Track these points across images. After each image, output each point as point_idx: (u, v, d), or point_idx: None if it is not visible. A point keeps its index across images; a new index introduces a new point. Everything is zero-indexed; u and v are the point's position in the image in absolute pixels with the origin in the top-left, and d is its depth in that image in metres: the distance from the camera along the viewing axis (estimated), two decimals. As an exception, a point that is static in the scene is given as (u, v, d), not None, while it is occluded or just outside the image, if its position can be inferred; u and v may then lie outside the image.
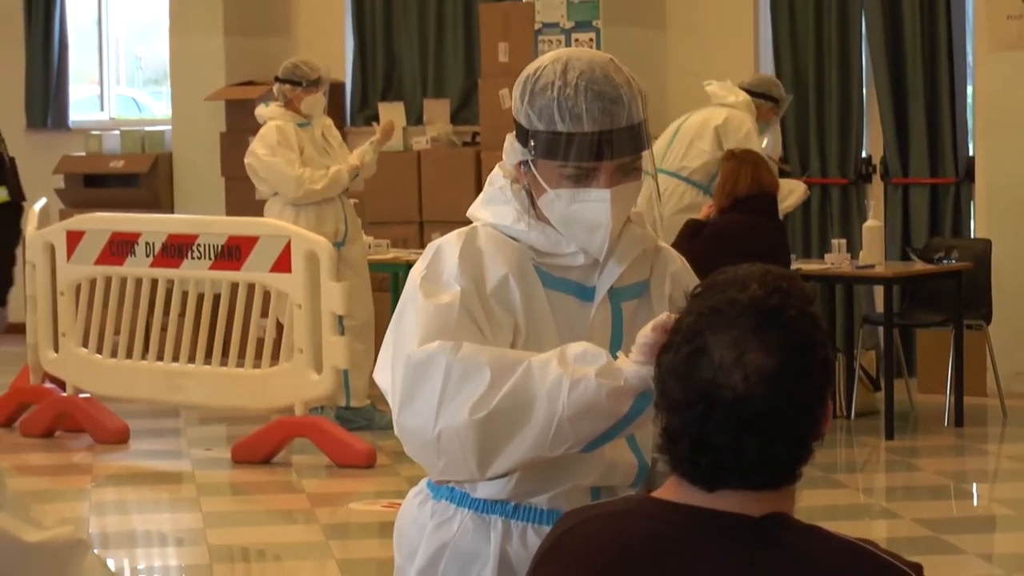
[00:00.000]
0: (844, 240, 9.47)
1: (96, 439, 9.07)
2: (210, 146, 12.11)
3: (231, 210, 11.49)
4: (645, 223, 2.95)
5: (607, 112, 2.78)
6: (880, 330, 9.80)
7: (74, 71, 13.59)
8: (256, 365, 8.75)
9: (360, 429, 8.92)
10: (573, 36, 10.84)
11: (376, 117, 10.86)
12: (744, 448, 2.14)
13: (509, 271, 2.82)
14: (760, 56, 11.04)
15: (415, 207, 11.19)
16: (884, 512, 7.75)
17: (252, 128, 9.58)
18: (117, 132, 12.97)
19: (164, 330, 8.96)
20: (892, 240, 10.27)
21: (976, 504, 8.16)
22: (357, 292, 8.99)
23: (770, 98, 9.29)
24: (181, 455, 8.97)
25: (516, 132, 2.86)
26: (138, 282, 9.00)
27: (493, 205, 2.90)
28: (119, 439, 9.07)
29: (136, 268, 8.94)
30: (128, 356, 9.05)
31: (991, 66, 10.12)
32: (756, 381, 2.13)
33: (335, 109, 11.33)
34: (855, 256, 9.39)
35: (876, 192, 10.66)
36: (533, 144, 2.82)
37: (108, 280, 9.09)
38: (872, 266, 9.22)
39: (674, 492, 2.22)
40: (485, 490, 2.85)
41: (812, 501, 7.40)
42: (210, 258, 8.71)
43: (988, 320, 9.62)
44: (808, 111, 10.67)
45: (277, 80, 9.32)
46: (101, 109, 13.85)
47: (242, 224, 8.99)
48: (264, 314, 8.75)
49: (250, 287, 8.68)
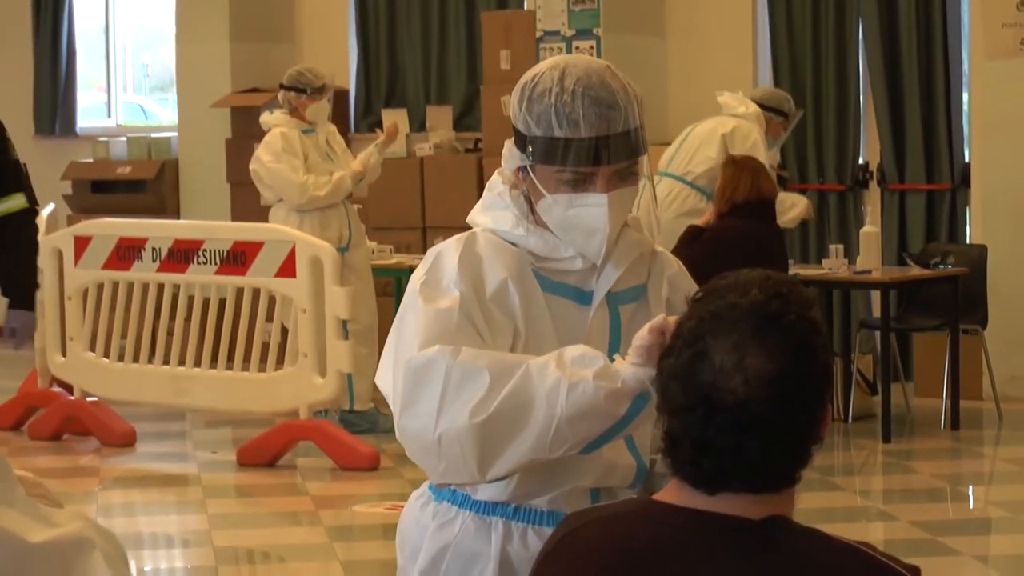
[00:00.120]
0: (841, 245, 9.48)
1: (103, 442, 9.07)
2: (216, 152, 12.08)
3: (236, 216, 11.49)
4: (642, 227, 2.94)
5: (604, 118, 2.78)
6: (877, 334, 9.74)
7: (82, 78, 13.56)
8: (261, 369, 8.69)
9: (364, 432, 8.90)
10: (574, 44, 10.80)
11: (380, 124, 10.81)
12: (745, 451, 2.14)
13: (508, 276, 2.83)
14: (759, 63, 11.02)
15: (418, 213, 11.16)
16: (881, 514, 7.74)
17: (257, 135, 9.57)
18: (124, 139, 12.96)
19: (170, 334, 8.96)
20: (889, 245, 10.26)
21: (972, 506, 8.17)
22: (361, 297, 8.99)
23: (781, 112, 9.28)
24: (187, 458, 8.96)
25: (514, 138, 2.86)
26: (145, 287, 8.99)
27: (492, 211, 2.91)
28: (126, 442, 9.07)
29: (143, 273, 8.93)
30: (135, 360, 9.03)
31: (986, 73, 10.12)
32: (756, 385, 2.12)
33: (339, 116, 11.30)
34: (852, 261, 9.39)
35: (873, 198, 10.66)
36: (531, 150, 2.82)
37: (115, 285, 9.07)
38: (869, 271, 9.21)
39: (675, 495, 2.22)
40: (486, 492, 2.86)
41: (810, 503, 7.36)
42: (216, 263, 8.70)
43: (984, 325, 9.62)
44: (806, 118, 10.55)
45: (282, 87, 9.32)
46: (108, 116, 13.82)
47: (247, 230, 8.97)
48: (269, 318, 8.74)
49: (255, 292, 8.66)
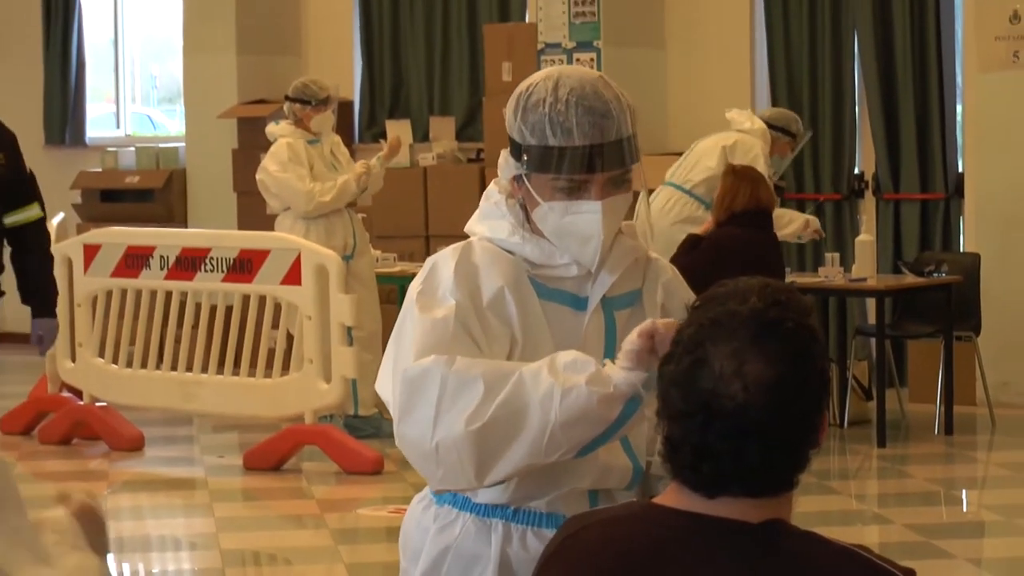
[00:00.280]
0: (837, 254, 9.49)
1: (112, 446, 9.11)
2: (223, 162, 12.10)
3: (243, 224, 11.49)
4: (636, 234, 2.97)
5: (597, 126, 2.81)
6: (872, 341, 9.83)
7: (91, 90, 13.59)
8: (267, 375, 8.74)
9: (368, 437, 8.90)
10: (575, 56, 10.82)
11: (384, 134, 10.80)
12: (744, 455, 2.15)
13: (504, 283, 2.85)
14: (756, 75, 11.04)
15: (421, 221, 11.20)
16: (876, 518, 7.76)
17: (263, 145, 9.59)
18: (132, 149, 12.98)
19: (178, 341, 9.00)
20: (884, 254, 10.27)
21: (965, 510, 8.21)
22: (365, 304, 9.03)
23: (788, 132, 9.30)
24: (194, 462, 9.00)
25: (510, 147, 2.89)
26: (153, 294, 9.03)
27: (489, 219, 2.93)
28: (134, 446, 9.11)
29: (151, 280, 8.97)
30: (143, 366, 9.08)
31: (979, 86, 10.14)
32: (755, 391, 2.13)
33: (344, 127, 11.33)
34: (848, 269, 9.43)
35: (868, 207, 10.67)
36: (526, 158, 2.86)
37: (124, 292, 9.10)
38: (865, 279, 9.24)
39: (675, 499, 2.23)
40: (486, 495, 2.88)
41: (806, 507, 7.18)
42: (222, 271, 8.74)
43: (977, 332, 9.63)
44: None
45: (287, 99, 9.36)
46: (117, 126, 13.85)
47: (253, 238, 9.03)
48: (275, 325, 8.76)
49: (261, 299, 8.70)
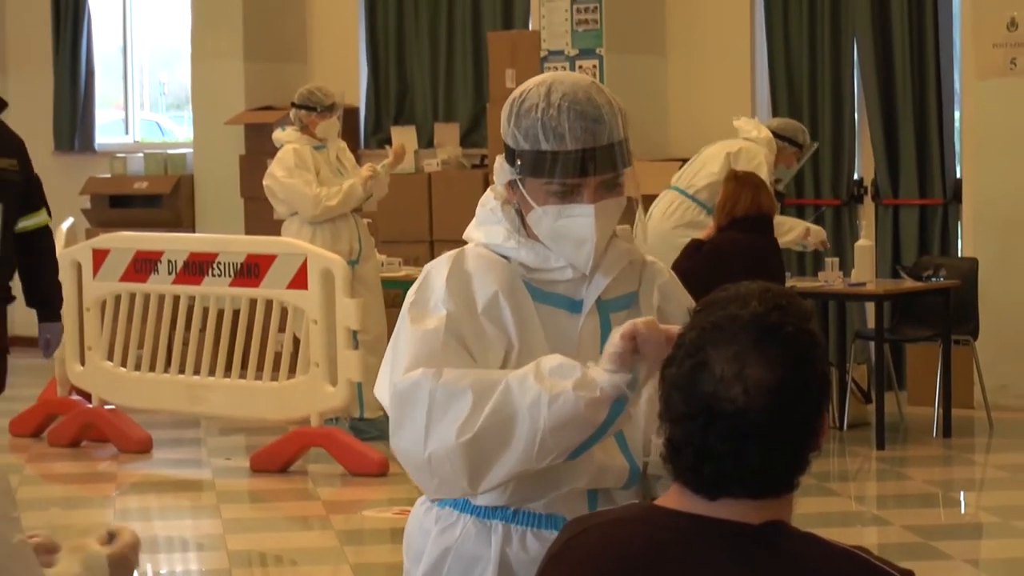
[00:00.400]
0: (837, 258, 9.52)
1: (120, 449, 9.16)
2: (230, 168, 12.16)
3: (250, 229, 11.56)
4: (631, 237, 3.00)
5: (589, 131, 2.84)
6: (871, 345, 9.88)
7: (100, 96, 13.63)
8: (274, 378, 8.76)
9: (373, 439, 8.87)
10: (577, 63, 10.84)
11: (389, 140, 10.89)
12: (745, 457, 2.16)
13: (499, 289, 2.88)
14: (756, 82, 11.07)
15: (426, 227, 11.22)
16: (875, 519, 7.80)
17: (270, 151, 9.65)
18: (141, 155, 13.02)
19: (186, 344, 9.05)
20: (883, 258, 10.31)
21: (964, 512, 8.22)
22: (370, 308, 9.08)
23: (795, 143, 9.33)
24: (202, 464, 9.04)
25: (505, 153, 2.93)
26: (161, 298, 9.08)
27: (485, 225, 2.96)
28: (142, 449, 9.16)
29: (159, 285, 9.01)
30: (151, 369, 9.13)
31: (977, 92, 10.16)
32: (756, 394, 2.14)
33: (349, 133, 11.38)
34: (847, 274, 9.48)
35: (867, 213, 10.70)
36: (520, 163, 2.89)
37: (132, 296, 9.16)
38: (864, 284, 9.27)
39: (676, 500, 2.24)
40: (485, 497, 2.90)
41: (806, 508, 7.30)
42: (230, 275, 8.78)
43: (975, 335, 9.66)
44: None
45: (294, 105, 9.40)
46: (126, 133, 13.90)
47: (260, 243, 9.04)
48: (281, 329, 8.82)
49: (268, 303, 8.74)
